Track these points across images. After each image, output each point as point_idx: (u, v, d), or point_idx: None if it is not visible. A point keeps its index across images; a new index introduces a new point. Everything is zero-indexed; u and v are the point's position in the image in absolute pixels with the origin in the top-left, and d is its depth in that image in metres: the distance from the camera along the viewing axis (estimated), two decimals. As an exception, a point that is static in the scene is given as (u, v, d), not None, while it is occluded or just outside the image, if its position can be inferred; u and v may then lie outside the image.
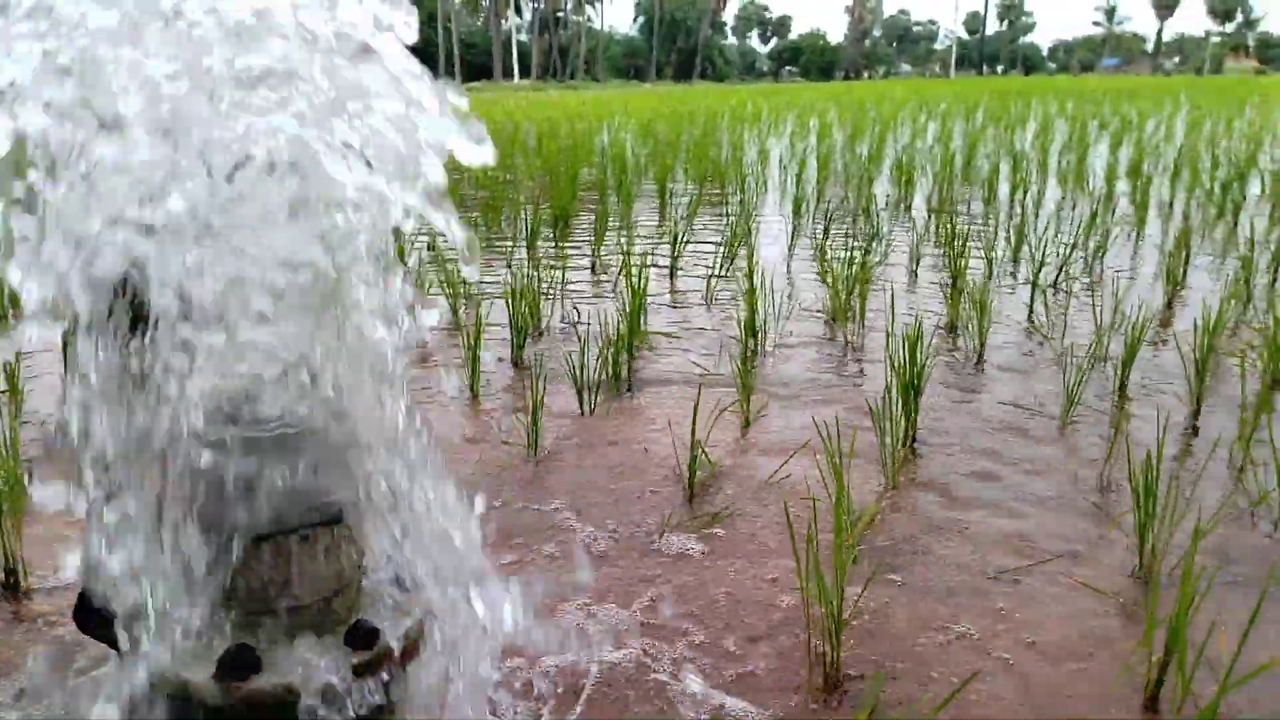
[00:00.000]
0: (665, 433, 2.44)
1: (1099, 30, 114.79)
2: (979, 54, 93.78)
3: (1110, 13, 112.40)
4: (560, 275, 4.06)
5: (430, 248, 4.95)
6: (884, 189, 6.90)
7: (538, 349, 3.23)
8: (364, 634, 0.86)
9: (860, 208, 5.98)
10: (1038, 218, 5.67)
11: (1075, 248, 4.45)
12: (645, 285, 3.27)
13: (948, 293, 3.69)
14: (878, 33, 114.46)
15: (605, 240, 4.90)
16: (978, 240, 4.96)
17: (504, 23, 71.46)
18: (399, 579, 0.94)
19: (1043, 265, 3.97)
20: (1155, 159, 8.16)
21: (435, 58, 65.98)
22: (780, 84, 63.48)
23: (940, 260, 4.59)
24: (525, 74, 70.83)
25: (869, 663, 1.49)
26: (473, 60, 72.64)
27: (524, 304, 3.20)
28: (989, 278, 4.16)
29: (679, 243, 4.46)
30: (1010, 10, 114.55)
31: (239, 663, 0.81)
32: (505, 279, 3.94)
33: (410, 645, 0.90)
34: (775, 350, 3.21)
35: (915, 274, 4.36)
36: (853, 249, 4.38)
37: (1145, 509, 1.73)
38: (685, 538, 1.90)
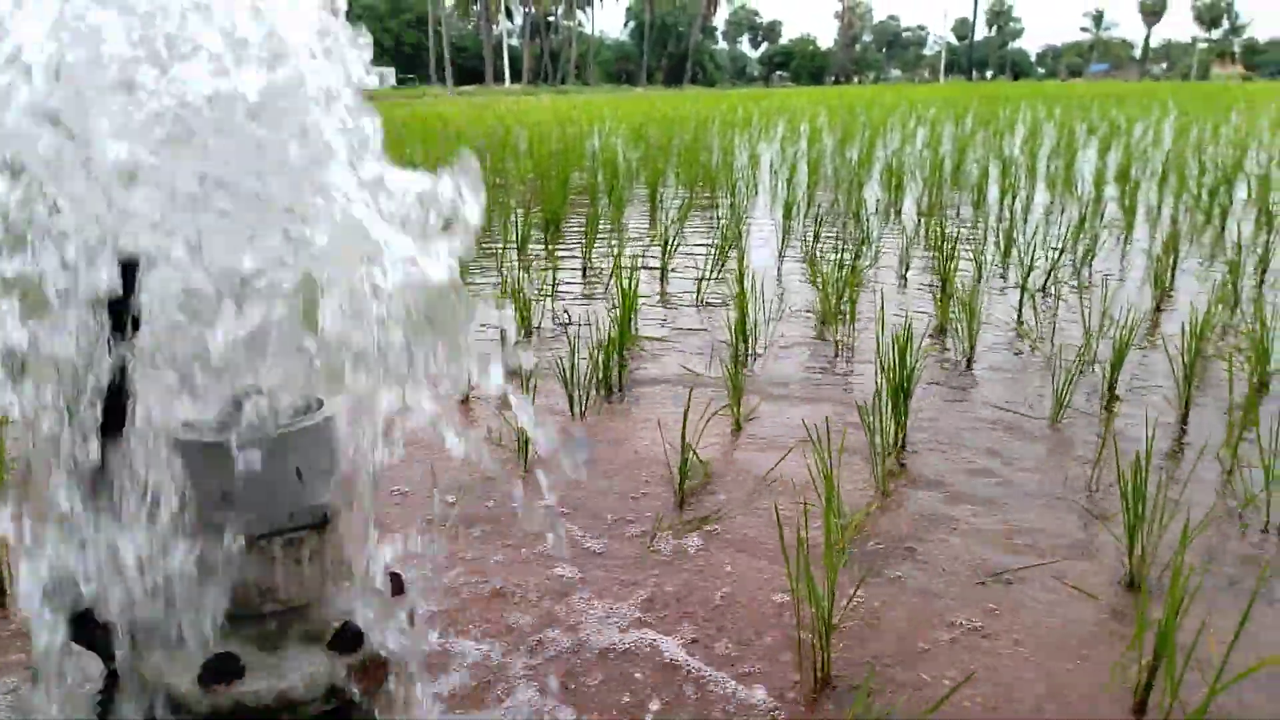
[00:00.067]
0: (657, 435, 2.44)
1: (1087, 36, 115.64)
2: (968, 59, 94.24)
3: (1098, 19, 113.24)
4: (551, 278, 4.05)
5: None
6: (874, 193, 6.92)
7: (528, 352, 3.22)
8: (350, 638, 0.85)
9: (850, 212, 5.99)
10: (1026, 222, 5.69)
11: (1064, 252, 4.46)
12: (636, 288, 3.27)
13: (937, 296, 3.70)
14: (868, 38, 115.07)
15: (596, 244, 4.89)
16: (967, 244, 4.98)
17: (495, 27, 71.52)
18: (385, 581, 0.93)
19: (1031, 269, 3.98)
20: (1143, 164, 8.20)
21: (426, 61, 66.00)
22: (771, 89, 63.62)
23: (930, 264, 4.60)
24: (516, 78, 70.86)
25: (860, 665, 1.49)
26: (464, 64, 72.67)
27: (514, 307, 3.19)
28: (978, 281, 4.17)
29: (670, 246, 4.45)
30: (999, 16, 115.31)
31: (222, 669, 0.80)
32: (497, 281, 3.93)
33: (399, 646, 0.89)
34: (766, 353, 3.21)
35: (905, 278, 4.37)
36: (843, 252, 4.39)
37: (1134, 511, 1.74)
38: (676, 540, 1.90)
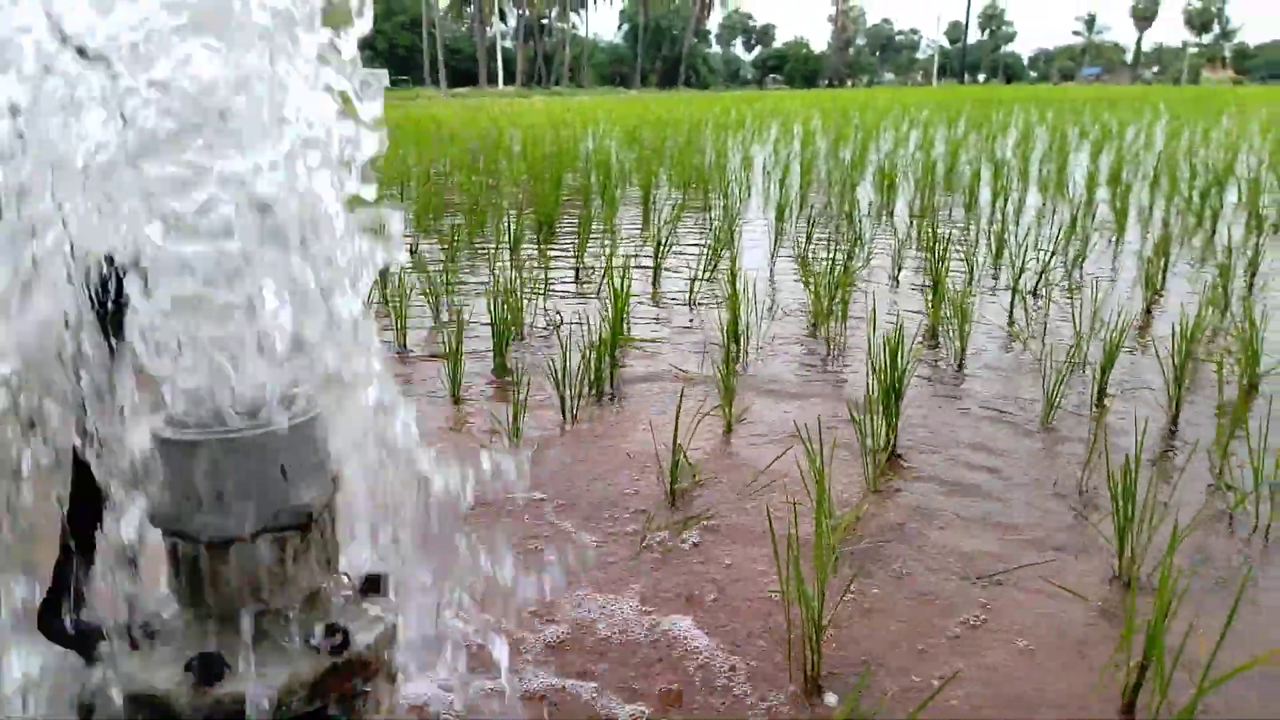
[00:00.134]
0: (648, 436, 2.44)
1: (1079, 40, 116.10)
2: (961, 63, 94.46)
3: (1090, 22, 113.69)
4: (544, 279, 4.05)
5: (412, 252, 4.94)
6: (867, 195, 6.93)
7: (520, 353, 3.21)
8: (335, 638, 0.84)
9: (843, 213, 6.00)
10: (1018, 224, 5.70)
11: (1055, 254, 4.47)
12: (629, 289, 3.26)
13: (929, 298, 3.70)
14: (861, 41, 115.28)
15: (589, 245, 4.89)
16: (959, 246, 4.99)
17: (489, 29, 71.44)
18: (369, 583, 0.93)
19: (1023, 271, 4.00)
20: (1135, 167, 8.23)
21: (420, 64, 65.92)
22: (765, 91, 63.71)
23: (922, 266, 4.61)
24: (510, 80, 70.80)
25: (850, 665, 1.49)
26: (457, 66, 72.60)
27: (506, 307, 3.18)
28: (970, 283, 4.18)
29: (663, 247, 4.45)
30: (991, 20, 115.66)
31: (205, 669, 0.80)
32: (489, 282, 3.92)
33: (382, 648, 0.88)
34: (758, 354, 3.21)
35: (897, 279, 4.38)
36: (835, 254, 4.39)
37: (1124, 512, 1.74)
38: (667, 541, 1.89)
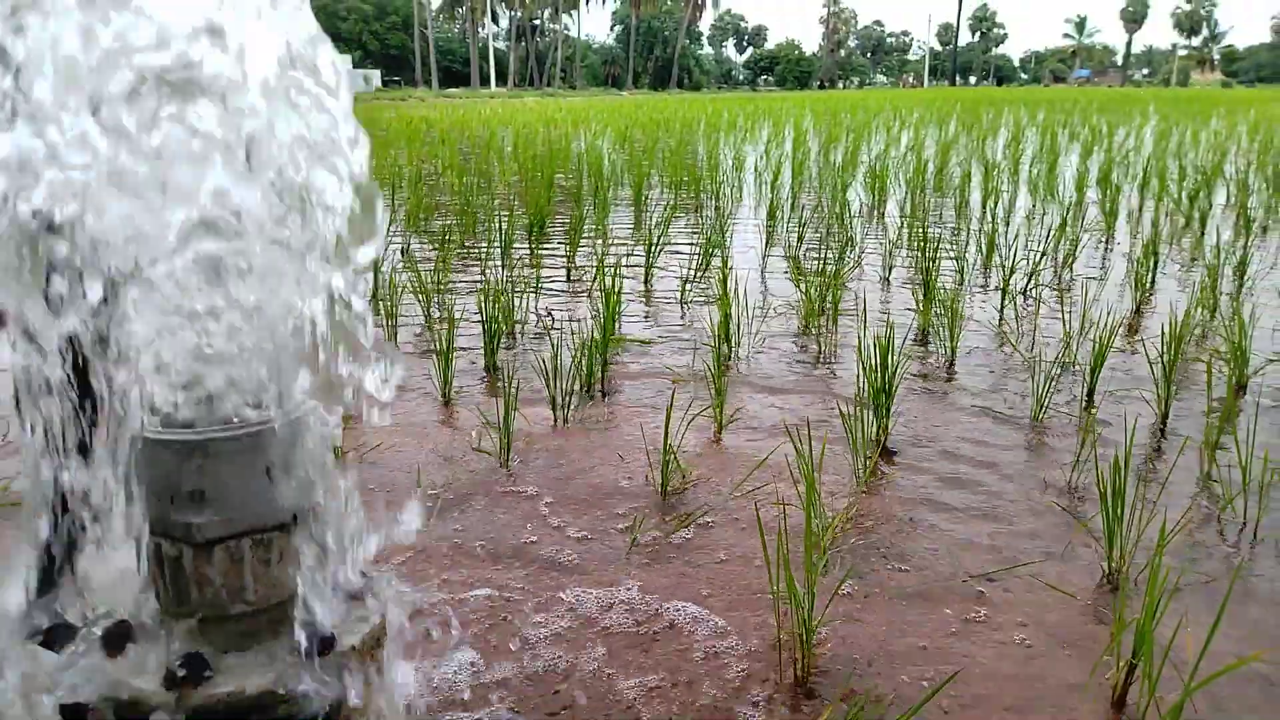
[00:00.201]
0: (639, 436, 2.43)
1: (1070, 42, 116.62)
2: (952, 65, 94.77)
3: (1080, 25, 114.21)
4: (535, 278, 4.04)
5: (403, 252, 4.92)
6: (858, 196, 6.94)
7: (511, 353, 3.21)
8: (320, 640, 0.84)
9: (834, 214, 6.01)
10: (1009, 225, 5.72)
11: (1045, 254, 4.49)
12: (620, 289, 3.26)
13: (920, 298, 3.71)
14: (853, 43, 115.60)
15: (581, 245, 4.88)
16: (950, 247, 5.00)
17: (481, 30, 71.38)
18: (355, 584, 0.92)
19: (1013, 271, 4.00)
20: (1125, 168, 8.27)
21: (412, 64, 65.83)
22: (757, 93, 63.81)
23: (912, 266, 4.62)
24: (502, 81, 70.76)
25: (841, 665, 1.49)
26: (449, 67, 72.55)
27: (497, 308, 3.18)
28: (960, 284, 4.18)
29: (654, 248, 4.45)
30: (982, 22, 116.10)
31: (190, 670, 0.79)
32: (481, 281, 3.91)
33: (368, 649, 0.88)
34: (749, 354, 3.21)
35: (888, 280, 4.39)
36: (826, 255, 4.39)
37: (1113, 512, 1.74)
38: (658, 542, 1.89)
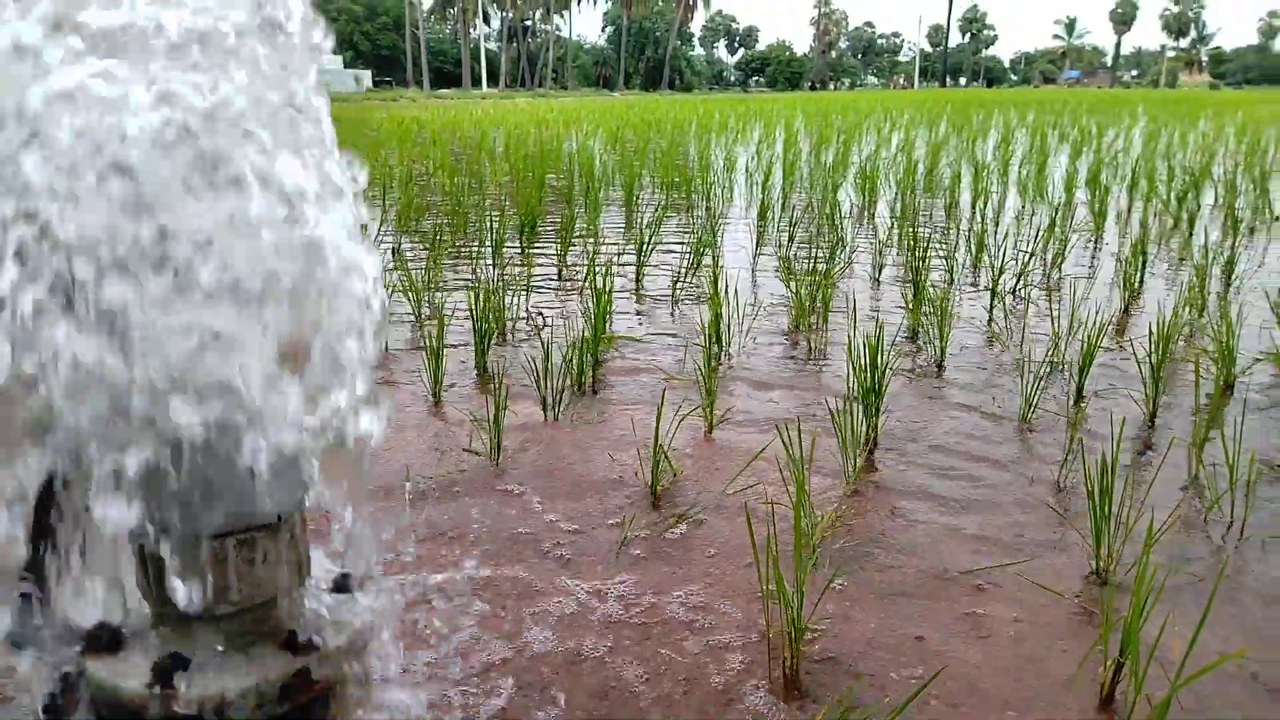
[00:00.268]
0: (629, 436, 2.43)
1: (1059, 43, 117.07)
2: (943, 66, 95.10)
3: (1070, 26, 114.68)
4: (526, 277, 4.04)
5: (394, 252, 4.91)
6: (848, 196, 6.95)
7: (501, 353, 3.20)
8: (304, 641, 0.83)
9: (825, 215, 6.02)
10: (998, 226, 5.74)
11: (1034, 255, 4.51)
12: (611, 288, 3.26)
13: (909, 298, 3.72)
14: (844, 44, 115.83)
15: (572, 246, 4.88)
16: (939, 247, 5.01)
17: (472, 31, 71.28)
18: (340, 584, 0.92)
19: (1002, 272, 4.02)
20: (1114, 169, 8.31)
21: (403, 65, 65.71)
22: (748, 94, 63.91)
23: (903, 267, 4.63)
24: (494, 82, 70.68)
25: (831, 663, 1.49)
26: (441, 68, 72.46)
27: (488, 308, 3.17)
28: (950, 284, 4.19)
29: (645, 247, 4.45)
30: (972, 23, 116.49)
31: (172, 670, 0.79)
32: (471, 280, 3.90)
33: (354, 649, 0.87)
34: (740, 353, 3.21)
35: (878, 280, 4.39)
36: (817, 255, 4.40)
37: (1101, 511, 1.75)
38: (648, 541, 1.89)
